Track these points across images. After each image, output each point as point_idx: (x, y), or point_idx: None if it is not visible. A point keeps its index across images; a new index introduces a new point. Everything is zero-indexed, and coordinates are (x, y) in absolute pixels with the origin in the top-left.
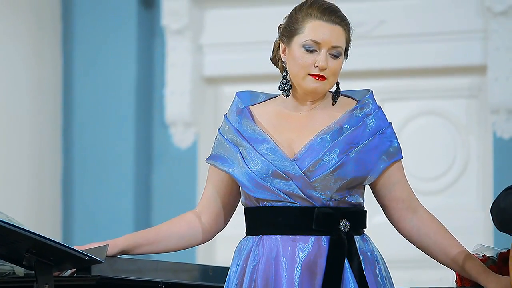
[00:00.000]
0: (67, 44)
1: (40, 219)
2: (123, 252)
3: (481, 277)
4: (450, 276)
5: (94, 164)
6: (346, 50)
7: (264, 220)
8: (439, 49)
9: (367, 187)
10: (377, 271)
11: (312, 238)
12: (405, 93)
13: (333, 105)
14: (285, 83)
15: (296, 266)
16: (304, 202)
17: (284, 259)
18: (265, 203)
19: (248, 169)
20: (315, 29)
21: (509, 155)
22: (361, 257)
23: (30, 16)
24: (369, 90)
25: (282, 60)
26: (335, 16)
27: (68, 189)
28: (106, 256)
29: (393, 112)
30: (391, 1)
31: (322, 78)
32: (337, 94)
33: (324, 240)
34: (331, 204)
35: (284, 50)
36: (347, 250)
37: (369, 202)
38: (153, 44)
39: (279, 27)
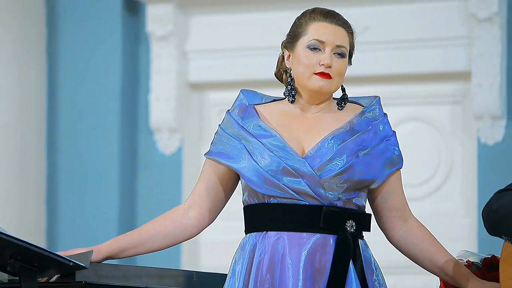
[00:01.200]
0: (51, 50)
1: (24, 225)
2: (108, 257)
3: (465, 283)
4: (434, 282)
5: (79, 170)
6: (350, 55)
7: (269, 217)
8: (423, 56)
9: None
10: (374, 276)
11: (318, 236)
12: (389, 100)
13: (339, 110)
14: (290, 88)
15: (301, 263)
16: (312, 200)
17: (290, 255)
18: (271, 199)
19: (257, 164)
20: (318, 29)
21: (493, 161)
22: (363, 260)
23: (14, 22)
24: (376, 97)
25: (286, 69)
26: (338, 18)
27: (53, 195)
28: (90, 262)
29: None
30: (376, 7)
31: (327, 76)
32: (343, 100)
33: (331, 239)
34: (339, 204)
35: (288, 57)
36: (352, 250)
37: None
38: (138, 51)
39: (282, 42)
